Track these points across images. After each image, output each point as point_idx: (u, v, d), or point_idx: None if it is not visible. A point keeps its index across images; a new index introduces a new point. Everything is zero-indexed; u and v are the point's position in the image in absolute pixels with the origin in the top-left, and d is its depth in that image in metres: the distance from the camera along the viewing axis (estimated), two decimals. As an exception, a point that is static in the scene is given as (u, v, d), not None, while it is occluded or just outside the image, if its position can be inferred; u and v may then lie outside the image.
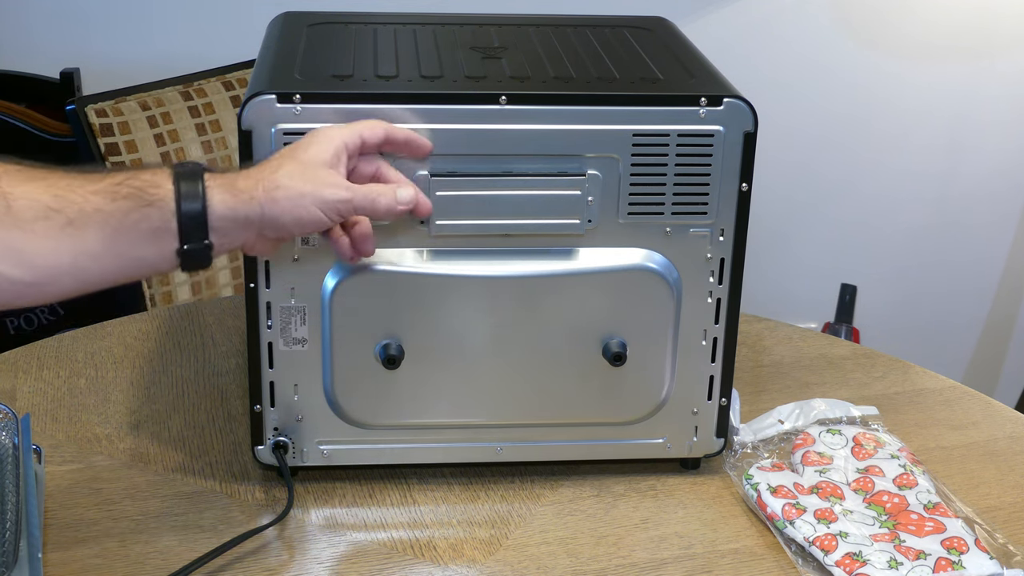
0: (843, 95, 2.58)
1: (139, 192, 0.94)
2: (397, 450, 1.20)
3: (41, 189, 0.92)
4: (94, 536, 1.12)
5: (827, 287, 2.70)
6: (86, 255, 0.92)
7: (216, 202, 0.96)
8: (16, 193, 0.91)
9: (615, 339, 1.16)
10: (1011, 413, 1.39)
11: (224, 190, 0.97)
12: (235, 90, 1.95)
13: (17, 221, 0.90)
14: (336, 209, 1.01)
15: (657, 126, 1.11)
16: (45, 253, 0.91)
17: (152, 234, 0.94)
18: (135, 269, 0.97)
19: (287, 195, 0.99)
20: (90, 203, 0.92)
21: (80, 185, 0.93)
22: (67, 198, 0.92)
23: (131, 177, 0.95)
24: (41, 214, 0.91)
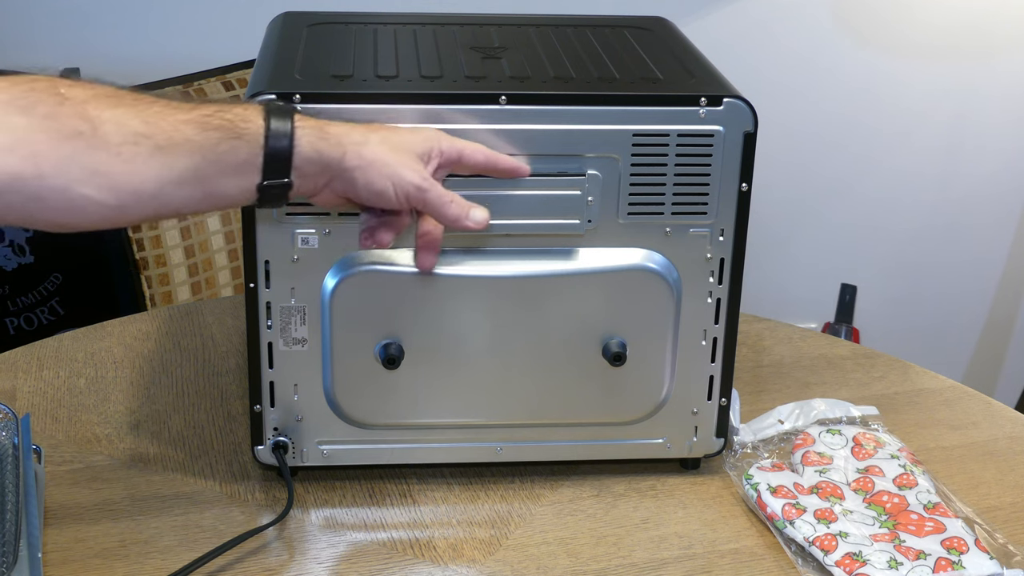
0: (843, 95, 2.58)
1: (230, 124, 0.95)
2: (397, 450, 1.20)
3: (131, 115, 0.92)
4: (94, 536, 1.12)
5: (827, 287, 2.70)
6: (172, 183, 0.93)
7: (303, 143, 0.97)
8: (104, 117, 0.91)
9: (615, 339, 1.16)
10: (1011, 413, 1.39)
11: (313, 131, 0.98)
12: (235, 90, 1.95)
13: (105, 144, 0.90)
14: (407, 192, 1.01)
15: (657, 126, 1.11)
16: (131, 178, 0.91)
17: (238, 167, 0.95)
18: (216, 200, 0.97)
19: (371, 156, 1.00)
20: (180, 132, 0.93)
21: (171, 113, 0.94)
22: (157, 124, 0.92)
23: (223, 109, 0.96)
24: (130, 139, 0.91)
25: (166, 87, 1.89)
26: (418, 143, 1.03)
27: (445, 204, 1.04)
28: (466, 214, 1.05)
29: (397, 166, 1.01)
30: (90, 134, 0.89)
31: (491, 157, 1.08)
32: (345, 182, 1.00)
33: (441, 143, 1.05)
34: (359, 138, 1.00)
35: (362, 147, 1.00)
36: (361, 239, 1.06)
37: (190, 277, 1.89)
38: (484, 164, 1.07)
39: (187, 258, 1.89)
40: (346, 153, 0.99)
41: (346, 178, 1.00)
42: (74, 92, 0.91)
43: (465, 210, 1.05)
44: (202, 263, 1.92)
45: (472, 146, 1.07)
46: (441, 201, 1.03)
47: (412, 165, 1.02)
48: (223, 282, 1.94)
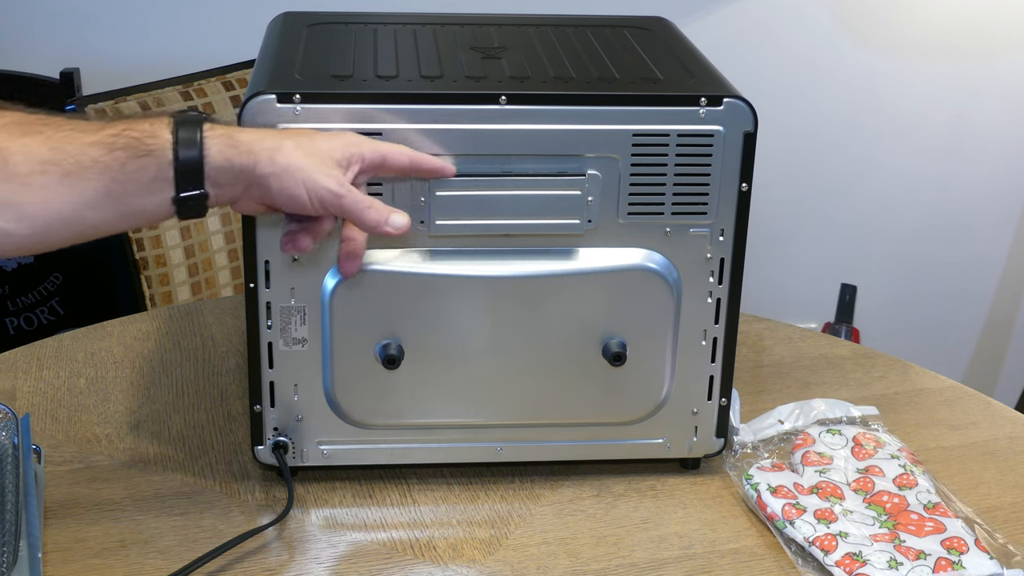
0: (843, 95, 2.58)
1: (136, 142, 0.95)
2: (397, 450, 1.20)
3: (39, 142, 0.92)
4: (94, 536, 1.12)
5: (827, 287, 2.70)
6: (84, 206, 0.93)
7: (213, 152, 0.96)
8: (13, 148, 0.91)
9: (615, 339, 1.16)
10: (1011, 413, 1.39)
11: (223, 140, 0.97)
12: (235, 90, 1.95)
13: (13, 175, 0.90)
14: (321, 198, 1.00)
15: (657, 126, 1.11)
16: (43, 206, 0.91)
17: (149, 183, 0.95)
18: (133, 218, 0.97)
19: (285, 162, 0.99)
20: (87, 155, 0.93)
21: (77, 136, 0.93)
22: (64, 150, 0.92)
23: (129, 127, 0.95)
24: (38, 168, 0.91)
25: (166, 87, 1.89)
26: (336, 148, 1.02)
27: (363, 210, 1.02)
28: (385, 219, 1.03)
29: (312, 171, 0.99)
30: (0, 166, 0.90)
31: (415, 159, 1.06)
32: (261, 188, 0.99)
33: (362, 147, 1.03)
34: (272, 144, 0.99)
35: (275, 153, 0.98)
36: (282, 243, 1.06)
37: (190, 277, 1.89)
38: (408, 166, 1.06)
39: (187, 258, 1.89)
40: (258, 160, 0.98)
41: (261, 184, 0.99)
42: None
43: (384, 215, 1.03)
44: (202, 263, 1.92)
45: (395, 149, 1.05)
46: (358, 207, 1.02)
47: (328, 171, 1.00)
48: (223, 282, 1.94)
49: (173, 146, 0.95)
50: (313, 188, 0.99)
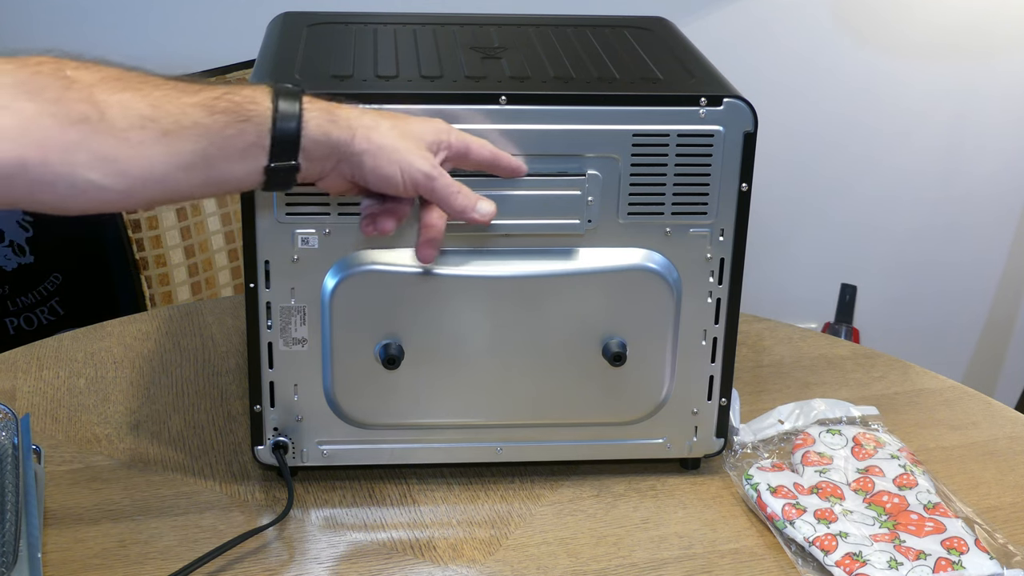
0: (843, 95, 2.58)
1: (237, 107, 0.95)
2: (397, 450, 1.20)
3: (137, 98, 0.91)
4: (94, 536, 1.12)
5: (827, 287, 2.70)
6: (179, 167, 0.92)
7: (312, 125, 0.97)
8: (111, 101, 0.90)
9: (615, 339, 1.16)
10: (1011, 413, 1.39)
11: (322, 114, 0.97)
12: (235, 90, 1.94)
13: (112, 129, 0.89)
14: (415, 179, 1.01)
15: (657, 126, 1.11)
16: (139, 162, 0.90)
17: (245, 150, 0.95)
18: (223, 184, 0.97)
19: (380, 141, 0.99)
20: (187, 115, 0.93)
21: (177, 96, 0.93)
22: (163, 108, 0.92)
23: (230, 92, 0.95)
24: (136, 123, 0.90)
25: (166, 87, 1.89)
26: (428, 132, 1.03)
27: (452, 194, 1.03)
28: (473, 205, 1.04)
29: (406, 152, 1.00)
30: (97, 119, 0.89)
31: (496, 154, 1.07)
32: (353, 166, 1.00)
33: (451, 135, 1.04)
34: (369, 122, 1.00)
35: (372, 131, 0.99)
36: (362, 224, 1.05)
37: (190, 277, 1.89)
38: (489, 161, 1.07)
39: (187, 258, 1.89)
40: (355, 136, 0.99)
41: (354, 162, 0.99)
42: (81, 75, 0.90)
43: (472, 201, 1.04)
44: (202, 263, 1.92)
45: (479, 142, 1.06)
46: (449, 191, 1.03)
47: (421, 153, 1.01)
48: (223, 282, 1.94)
49: (272, 114, 0.95)
50: (407, 169, 1.00)
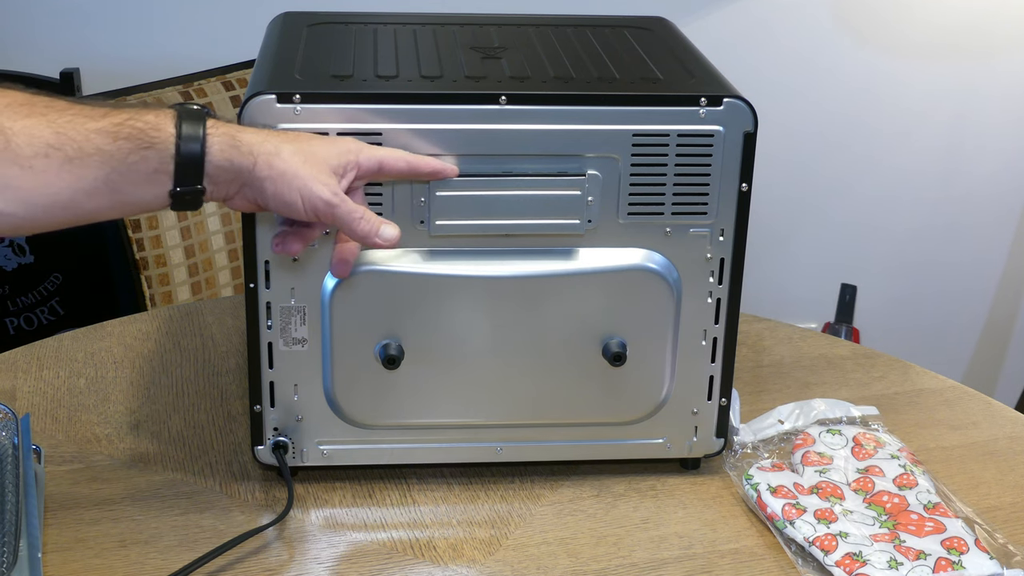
0: (843, 95, 2.58)
1: (140, 133, 0.95)
2: (397, 450, 1.20)
3: (42, 125, 0.92)
4: (94, 536, 1.12)
5: (827, 287, 2.70)
6: (83, 192, 0.93)
7: (215, 150, 0.97)
8: (16, 128, 0.91)
9: (615, 339, 1.16)
10: (1011, 413, 1.39)
11: (225, 138, 0.97)
12: (235, 90, 1.95)
13: (16, 158, 0.90)
14: (315, 206, 1.00)
15: (657, 126, 1.11)
16: (42, 190, 0.91)
17: (149, 175, 0.95)
18: (128, 208, 0.97)
19: (282, 167, 0.99)
20: (91, 142, 0.93)
21: (82, 122, 0.93)
22: (67, 135, 0.92)
23: (134, 116, 0.95)
24: (41, 151, 0.91)
25: (166, 87, 1.89)
26: (333, 155, 1.02)
27: (354, 220, 1.02)
28: (376, 231, 1.03)
29: (307, 179, 0.99)
30: (2, 147, 0.90)
31: (413, 163, 1.07)
32: (255, 191, 1.00)
33: (359, 155, 1.03)
34: (271, 148, 0.99)
35: (273, 157, 0.99)
36: (272, 244, 1.06)
37: (190, 277, 1.89)
38: (407, 171, 1.07)
39: (187, 258, 1.89)
40: (256, 162, 0.98)
41: (256, 187, 0.99)
42: None
43: (375, 227, 1.03)
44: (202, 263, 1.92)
45: (393, 154, 1.06)
46: (350, 218, 1.02)
47: (323, 179, 1.00)
48: (223, 282, 1.94)
49: (176, 140, 0.95)
50: (307, 196, 1.00)
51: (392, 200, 1.11)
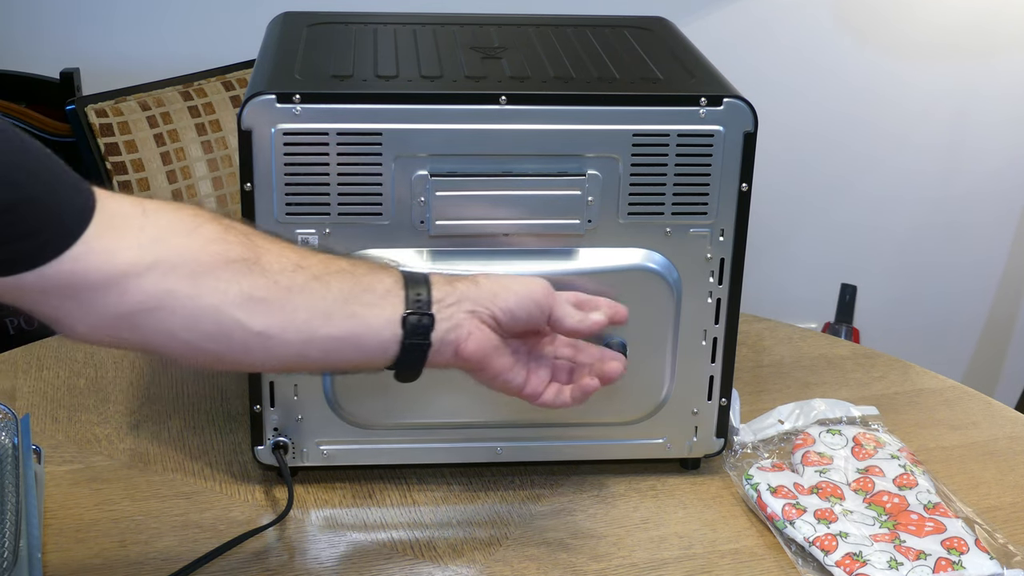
0: (843, 95, 2.58)
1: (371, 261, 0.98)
2: (397, 450, 1.20)
3: (290, 249, 0.93)
4: (94, 536, 1.12)
5: (827, 287, 2.70)
6: (320, 314, 0.92)
7: (437, 279, 0.97)
8: (266, 246, 0.91)
9: (615, 339, 1.16)
10: (1011, 413, 1.39)
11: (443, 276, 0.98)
12: (235, 90, 1.95)
13: (265, 271, 0.90)
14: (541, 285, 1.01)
15: (657, 126, 1.11)
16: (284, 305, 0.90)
17: (383, 295, 0.94)
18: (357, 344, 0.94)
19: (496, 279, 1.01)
20: (335, 263, 0.94)
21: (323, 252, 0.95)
22: (313, 257, 0.94)
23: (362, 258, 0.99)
24: (289, 267, 0.91)
25: (166, 87, 1.89)
26: None
27: None
28: None
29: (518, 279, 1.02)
30: (253, 260, 0.90)
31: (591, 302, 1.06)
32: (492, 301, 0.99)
33: None
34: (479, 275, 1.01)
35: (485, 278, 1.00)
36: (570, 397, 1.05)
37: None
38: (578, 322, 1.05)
39: (187, 258, 1.89)
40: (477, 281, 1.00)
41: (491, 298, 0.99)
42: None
43: None
44: (202, 263, 1.92)
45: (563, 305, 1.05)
46: None
47: None
48: (223, 282, 1.94)
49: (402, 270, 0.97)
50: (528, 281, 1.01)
51: (392, 200, 1.11)
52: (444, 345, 0.96)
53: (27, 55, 2.18)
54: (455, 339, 0.97)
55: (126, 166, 1.78)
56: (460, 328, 0.97)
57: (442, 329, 0.96)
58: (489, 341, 0.98)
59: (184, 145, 1.86)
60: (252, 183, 1.10)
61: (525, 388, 1.03)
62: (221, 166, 1.89)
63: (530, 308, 1.00)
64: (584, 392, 1.04)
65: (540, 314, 1.01)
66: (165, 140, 1.84)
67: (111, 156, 1.79)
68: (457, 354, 0.98)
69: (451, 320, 0.96)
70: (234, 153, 1.91)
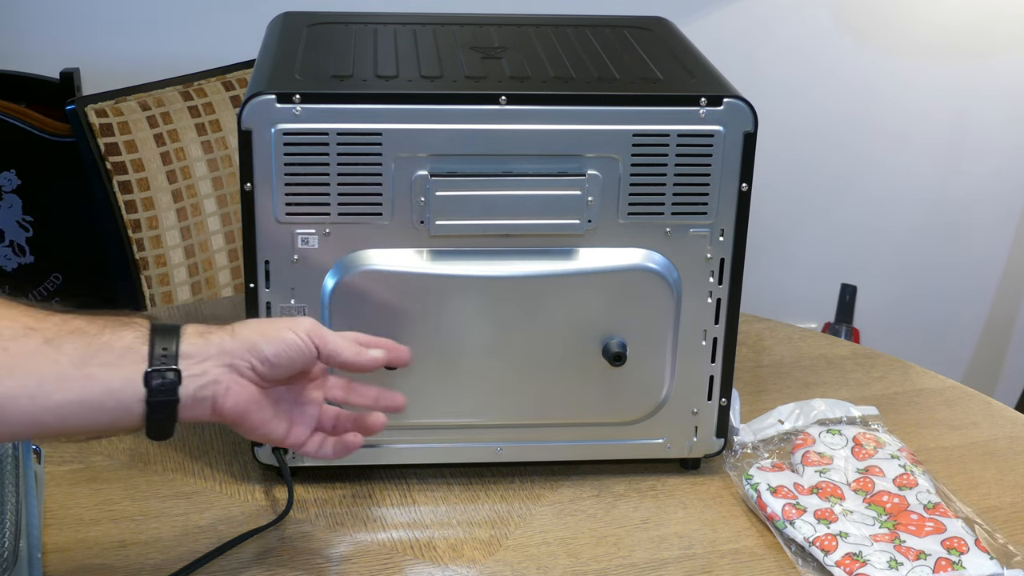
0: (843, 95, 2.58)
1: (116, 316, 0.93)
2: (397, 450, 1.20)
3: (23, 312, 0.89)
4: (94, 536, 1.12)
5: (827, 287, 2.70)
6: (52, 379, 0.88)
7: (189, 331, 0.94)
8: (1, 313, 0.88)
9: (615, 339, 1.16)
10: (1011, 413, 1.39)
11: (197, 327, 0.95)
12: (235, 90, 1.95)
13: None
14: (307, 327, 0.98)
15: (657, 126, 1.11)
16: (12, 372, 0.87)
17: (122, 353, 0.90)
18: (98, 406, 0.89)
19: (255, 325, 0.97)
20: (71, 323, 0.90)
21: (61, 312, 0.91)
22: (49, 319, 0.89)
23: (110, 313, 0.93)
24: (20, 333, 0.87)
25: (166, 87, 1.89)
26: None
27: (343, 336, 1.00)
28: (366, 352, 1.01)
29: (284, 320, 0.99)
30: None
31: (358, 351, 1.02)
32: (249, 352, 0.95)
33: None
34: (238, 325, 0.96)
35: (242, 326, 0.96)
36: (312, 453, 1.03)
37: (190, 277, 1.89)
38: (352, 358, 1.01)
39: (187, 258, 1.89)
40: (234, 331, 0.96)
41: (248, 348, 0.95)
42: None
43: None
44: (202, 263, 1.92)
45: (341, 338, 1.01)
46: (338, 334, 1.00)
47: None
48: (223, 282, 1.94)
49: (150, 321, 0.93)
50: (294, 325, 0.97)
51: (392, 200, 1.11)
52: (198, 401, 0.92)
53: (27, 55, 2.18)
54: (211, 395, 0.93)
55: (126, 166, 1.78)
56: (218, 384, 0.93)
57: (194, 385, 0.92)
58: (248, 396, 0.95)
59: (184, 145, 1.86)
60: (252, 183, 1.10)
61: (288, 439, 1.00)
62: (221, 166, 1.89)
63: (291, 355, 0.96)
64: (346, 448, 1.03)
65: (303, 358, 0.97)
66: (165, 140, 1.84)
67: (111, 156, 1.79)
68: (215, 410, 0.94)
69: (206, 376, 0.93)
70: (234, 153, 1.91)
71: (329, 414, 1.04)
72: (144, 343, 0.91)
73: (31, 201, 1.95)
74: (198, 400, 0.93)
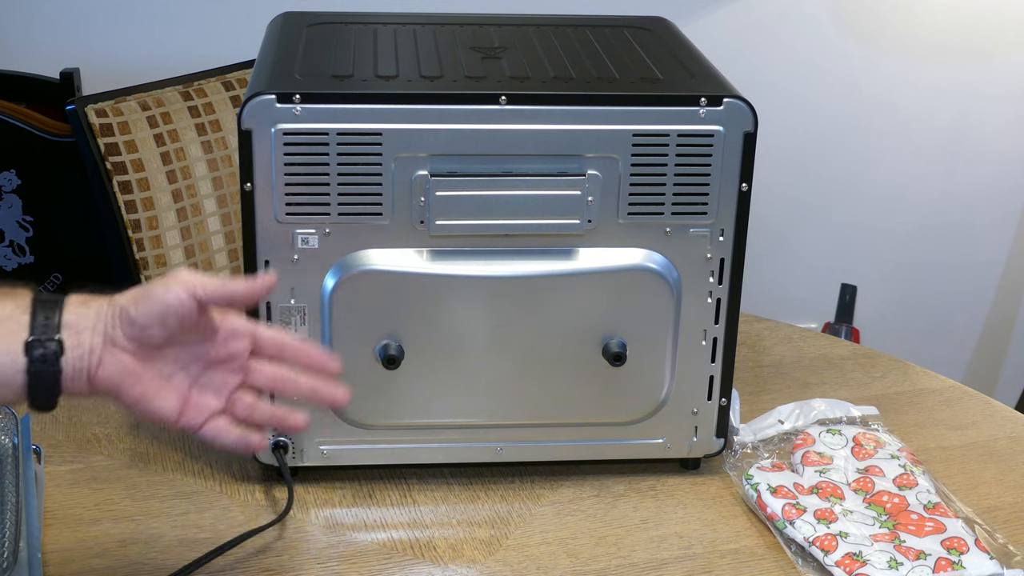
0: (843, 95, 2.58)
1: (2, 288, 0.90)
2: (397, 450, 1.20)
3: None
4: (94, 536, 1.12)
5: (827, 287, 2.70)
6: None
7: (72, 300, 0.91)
8: None
9: (615, 339, 1.16)
10: (1011, 413, 1.39)
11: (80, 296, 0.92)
12: (235, 90, 1.95)
13: None
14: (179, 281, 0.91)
15: (657, 126, 1.12)
16: None
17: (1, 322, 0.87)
18: None
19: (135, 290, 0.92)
20: None
21: None
22: None
23: None
24: None
25: (166, 87, 1.89)
26: None
27: None
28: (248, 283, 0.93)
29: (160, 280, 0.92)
30: None
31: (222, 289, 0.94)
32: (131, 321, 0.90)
33: None
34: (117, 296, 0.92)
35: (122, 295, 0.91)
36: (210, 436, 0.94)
37: (187, 274, 1.89)
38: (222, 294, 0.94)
39: (187, 258, 1.89)
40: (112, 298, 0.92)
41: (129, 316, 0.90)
42: None
43: None
44: (202, 263, 1.92)
45: None
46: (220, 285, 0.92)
47: None
48: (223, 282, 1.94)
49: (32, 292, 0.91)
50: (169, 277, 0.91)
51: (392, 200, 1.11)
52: (78, 373, 0.89)
53: (27, 55, 2.18)
54: (87, 366, 0.89)
55: (126, 166, 1.78)
56: (93, 355, 0.89)
57: (75, 356, 0.88)
58: (121, 367, 0.90)
59: (184, 145, 1.86)
60: (252, 183, 1.10)
61: (180, 420, 0.93)
62: (221, 166, 1.89)
63: (159, 311, 0.89)
64: (248, 447, 0.95)
65: (176, 314, 0.90)
66: (165, 140, 1.84)
67: (111, 156, 1.79)
68: (90, 383, 0.89)
69: (83, 347, 0.89)
70: (234, 153, 1.91)
71: (244, 401, 0.95)
72: (25, 312, 0.88)
73: (31, 201, 1.94)
74: (78, 371, 0.89)
